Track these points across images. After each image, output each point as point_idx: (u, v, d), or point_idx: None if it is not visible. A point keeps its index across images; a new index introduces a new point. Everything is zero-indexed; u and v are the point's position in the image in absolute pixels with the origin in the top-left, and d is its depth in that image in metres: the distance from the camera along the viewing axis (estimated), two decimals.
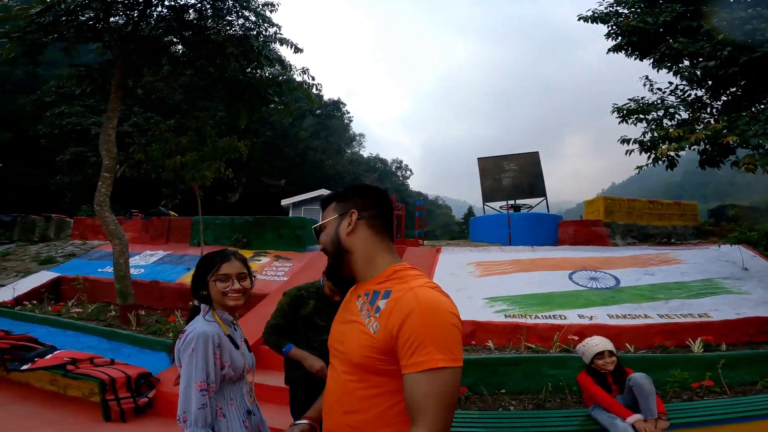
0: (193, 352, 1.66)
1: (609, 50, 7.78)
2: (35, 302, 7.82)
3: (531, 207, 12.55)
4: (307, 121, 29.07)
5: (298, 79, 7.75)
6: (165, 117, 19.72)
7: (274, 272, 8.12)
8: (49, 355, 4.54)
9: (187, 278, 7.88)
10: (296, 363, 2.51)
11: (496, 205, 12.60)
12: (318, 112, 30.00)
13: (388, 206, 1.23)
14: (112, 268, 7.01)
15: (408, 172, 50.03)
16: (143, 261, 9.39)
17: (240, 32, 7.14)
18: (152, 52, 7.07)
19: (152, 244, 10.55)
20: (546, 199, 12.64)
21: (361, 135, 42.98)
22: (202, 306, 1.82)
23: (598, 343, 3.25)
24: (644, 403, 2.89)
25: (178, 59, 7.62)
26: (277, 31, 7.39)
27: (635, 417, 2.91)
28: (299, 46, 7.44)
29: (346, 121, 37.52)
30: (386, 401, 1.06)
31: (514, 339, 4.96)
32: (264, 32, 7.19)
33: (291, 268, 8.04)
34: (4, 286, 8.90)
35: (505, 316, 5.52)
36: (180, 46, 7.73)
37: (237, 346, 1.81)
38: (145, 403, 4.27)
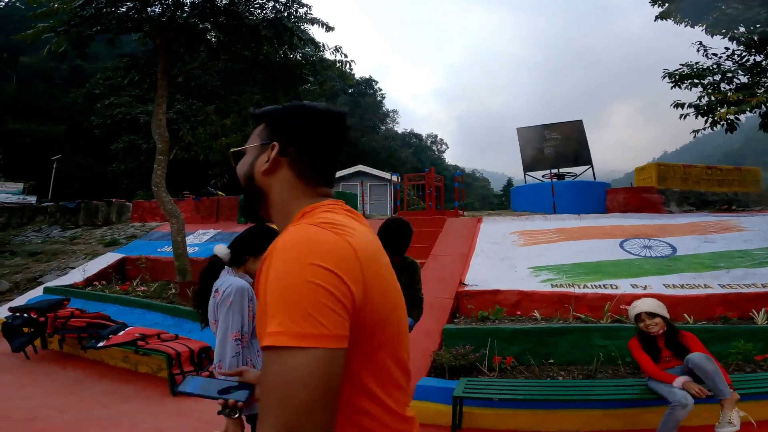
0: (231, 304, 1.83)
1: (657, 17, 7.63)
2: (104, 282, 8.40)
3: (576, 175, 12.09)
4: (341, 100, 29.20)
5: (331, 57, 7.74)
6: (205, 102, 20.30)
7: None
8: (122, 332, 4.88)
9: None
10: None
11: (538, 174, 12.26)
12: (351, 90, 29.95)
13: (328, 138, 0.89)
14: (170, 248, 7.44)
15: (443, 146, 49.53)
16: (197, 240, 9.88)
17: (272, 14, 7.18)
18: (190, 39, 7.26)
19: (203, 223, 11.05)
20: (592, 167, 12.13)
21: (394, 111, 42.88)
22: (227, 267, 1.99)
23: (636, 305, 3.12)
24: (713, 385, 2.74)
25: (215, 45, 7.78)
26: (308, 11, 7.38)
27: (682, 379, 2.79)
28: (330, 24, 7.40)
29: (378, 98, 37.35)
30: None
31: (561, 309, 4.89)
32: (294, 13, 7.19)
33: None
34: (74, 268, 9.68)
35: (552, 285, 5.43)
36: (216, 32, 7.88)
37: None
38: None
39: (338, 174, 16.67)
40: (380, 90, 36.99)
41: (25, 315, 5.35)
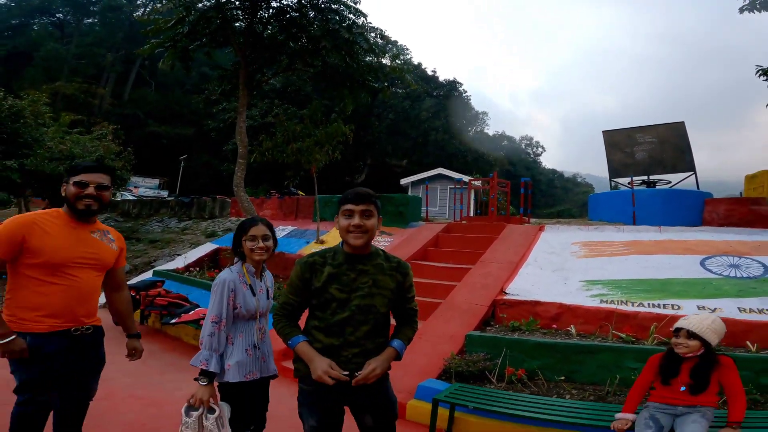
0: (215, 292, 2.19)
1: None
2: (198, 269, 9.72)
3: (670, 183, 10.71)
4: (427, 103, 29.42)
5: (389, 63, 8.01)
6: (300, 107, 22.02)
7: (375, 246, 8.68)
8: (192, 312, 5.73)
9: (305, 250, 8.94)
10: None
11: (626, 181, 11.12)
12: (435, 93, 30.07)
13: None
14: None
15: (539, 149, 46.86)
16: (276, 235, 10.89)
17: (333, 26, 7.69)
18: (268, 50, 8.09)
19: (284, 219, 12.09)
20: (695, 174, 10.63)
21: (484, 113, 41.82)
22: (236, 259, 2.35)
23: (688, 318, 2.57)
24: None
25: (290, 55, 8.54)
26: (365, 21, 7.75)
27: (623, 416, 2.49)
28: (385, 33, 7.69)
29: (465, 100, 36.90)
30: None
31: (605, 327, 4.54)
32: (351, 23, 7.60)
33: (391, 243, 8.48)
34: (179, 255, 11.31)
35: (601, 301, 5.02)
36: (290, 43, 8.63)
37: (254, 293, 2.28)
38: None
39: (418, 177, 16.73)
40: (465, 92, 36.66)
41: None
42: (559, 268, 6.17)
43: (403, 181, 20.22)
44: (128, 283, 7.25)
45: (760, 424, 2.74)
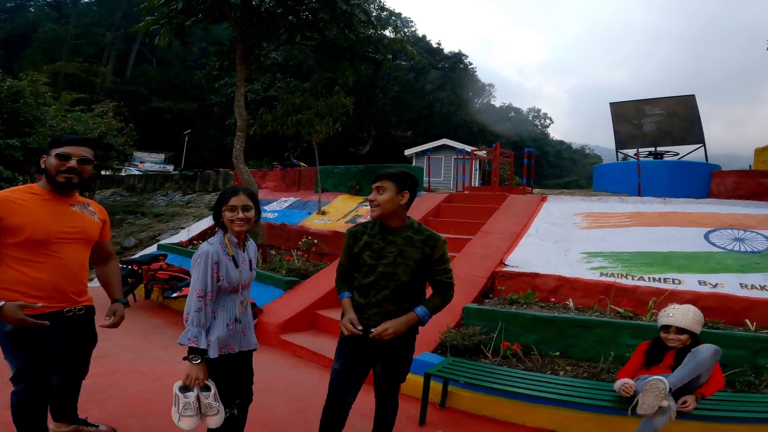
0: (197, 265, 2.10)
1: None
2: (201, 242, 9.78)
3: (678, 155, 10.45)
4: (432, 75, 28.83)
5: (390, 35, 7.75)
6: (302, 81, 21.62)
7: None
8: None
9: (306, 221, 8.94)
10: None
11: (633, 152, 10.90)
12: (441, 65, 29.42)
13: None
14: None
15: (547, 121, 46.01)
16: (278, 206, 10.84)
17: None
18: (265, 24, 7.84)
19: (287, 191, 12.04)
20: (704, 146, 10.35)
21: (491, 85, 41.03)
22: (217, 229, 2.24)
23: (672, 315, 2.67)
24: (681, 370, 2.45)
25: (287, 29, 8.30)
26: None
27: (624, 381, 2.56)
28: (387, 5, 7.38)
29: (471, 72, 36.13)
30: None
31: (603, 301, 4.51)
32: None
33: None
34: (183, 228, 11.41)
35: (601, 274, 4.97)
36: (288, 17, 8.34)
37: (237, 265, 2.19)
38: None
39: (422, 148, 16.58)
40: (471, 64, 35.91)
41: (129, 267, 6.50)
42: (560, 239, 6.11)
43: (407, 152, 20.06)
44: (131, 257, 7.42)
45: (755, 409, 2.68)
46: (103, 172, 15.58)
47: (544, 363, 3.72)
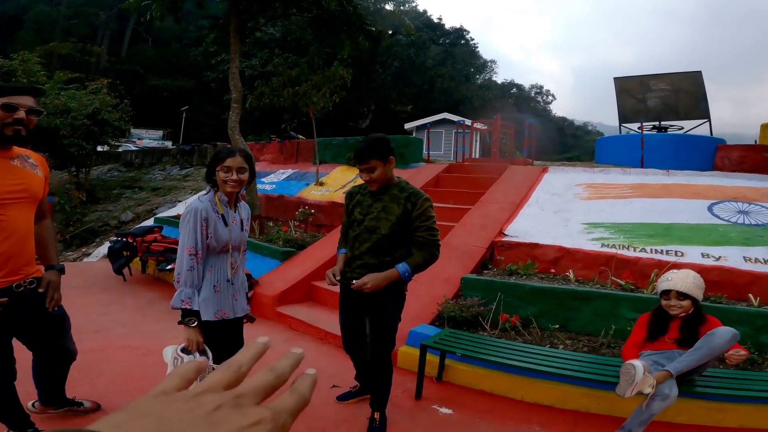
0: (186, 222, 2.03)
1: None
2: None
3: (683, 129, 10.21)
4: (432, 50, 28.28)
5: (388, 8, 7.44)
6: (301, 56, 21.07)
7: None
8: None
9: (304, 192, 8.82)
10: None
11: (637, 126, 10.67)
12: (442, 41, 28.82)
13: None
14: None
15: (549, 97, 45.40)
16: (276, 178, 10.69)
17: None
18: None
19: (285, 163, 11.86)
20: (710, 121, 10.09)
21: (492, 61, 40.20)
22: (207, 187, 2.17)
23: (672, 279, 2.54)
24: (691, 355, 2.30)
25: (283, 1, 7.97)
26: None
27: (632, 362, 2.29)
28: None
29: (472, 48, 35.42)
30: None
31: (604, 272, 4.41)
32: None
33: None
34: (180, 201, 11.31)
35: (602, 245, 4.85)
36: None
37: (226, 224, 2.11)
38: None
39: (422, 122, 16.39)
40: (473, 40, 35.18)
41: (123, 239, 6.40)
42: (560, 210, 5.98)
43: (408, 126, 19.91)
44: (126, 230, 7.33)
45: (757, 387, 2.58)
46: (99, 148, 15.36)
47: (543, 336, 3.64)
